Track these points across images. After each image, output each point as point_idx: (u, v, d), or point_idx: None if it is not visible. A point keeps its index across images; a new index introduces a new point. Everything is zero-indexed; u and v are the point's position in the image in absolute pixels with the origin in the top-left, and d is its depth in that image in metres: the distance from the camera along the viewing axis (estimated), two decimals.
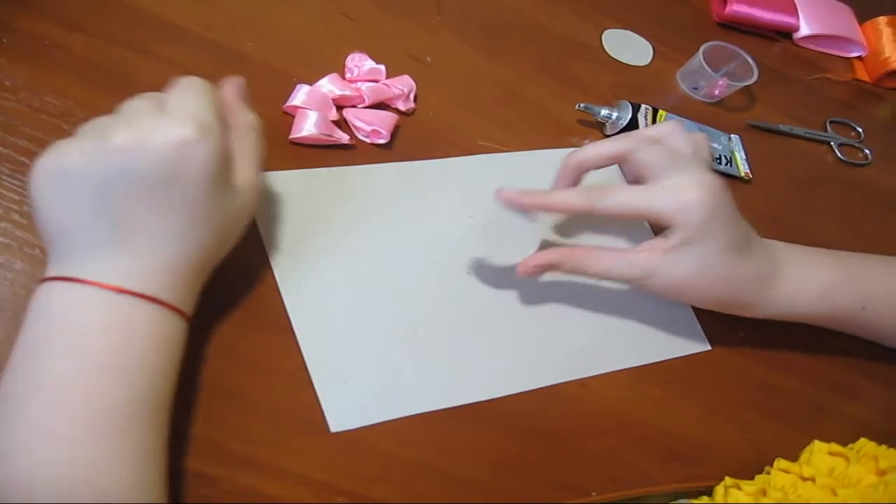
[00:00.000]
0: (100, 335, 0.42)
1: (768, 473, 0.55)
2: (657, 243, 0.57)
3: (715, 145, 0.76)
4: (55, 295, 0.43)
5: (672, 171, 0.55)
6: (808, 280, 0.60)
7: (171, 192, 0.43)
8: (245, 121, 0.50)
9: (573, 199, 0.56)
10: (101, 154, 0.42)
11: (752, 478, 0.56)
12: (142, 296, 0.43)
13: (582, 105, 0.71)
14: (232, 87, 0.51)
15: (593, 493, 0.53)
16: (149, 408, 0.42)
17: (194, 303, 0.47)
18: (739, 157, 0.78)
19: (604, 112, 0.72)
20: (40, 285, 0.43)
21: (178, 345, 0.45)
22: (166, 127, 0.43)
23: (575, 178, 0.60)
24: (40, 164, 0.43)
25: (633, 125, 0.72)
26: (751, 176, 0.77)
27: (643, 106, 0.73)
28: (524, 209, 0.57)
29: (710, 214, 0.55)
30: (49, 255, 0.44)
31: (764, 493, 0.51)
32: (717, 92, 0.82)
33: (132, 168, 0.42)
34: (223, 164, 0.45)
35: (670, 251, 0.56)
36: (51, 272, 0.43)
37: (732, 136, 0.79)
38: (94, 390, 0.40)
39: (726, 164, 0.76)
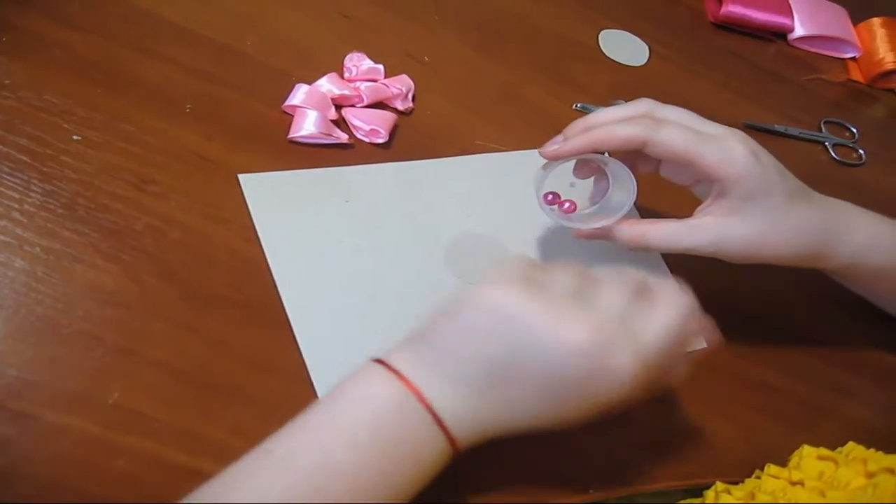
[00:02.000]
0: (396, 448, 0.42)
1: (759, 478, 0.55)
2: (717, 208, 0.55)
3: None
4: (393, 394, 0.43)
5: (702, 142, 0.53)
6: (880, 230, 0.60)
7: (565, 391, 0.44)
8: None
9: (630, 130, 0.53)
10: (548, 335, 0.43)
11: (747, 476, 0.56)
12: (450, 437, 0.43)
13: (579, 105, 0.72)
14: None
15: (591, 490, 0.54)
16: None
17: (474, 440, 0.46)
18: None
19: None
20: (383, 368, 0.44)
21: (435, 476, 0.44)
22: (630, 355, 0.43)
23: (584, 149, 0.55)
24: (510, 294, 0.44)
25: None
26: None
27: None
28: (573, 155, 0.55)
29: (761, 166, 0.53)
30: (413, 342, 0.46)
31: (753, 496, 0.51)
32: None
33: (560, 364, 0.43)
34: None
35: (736, 211, 0.54)
36: (403, 366, 0.44)
37: None
38: (358, 491, 0.41)
39: None
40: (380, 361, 0.45)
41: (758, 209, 0.54)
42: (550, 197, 0.58)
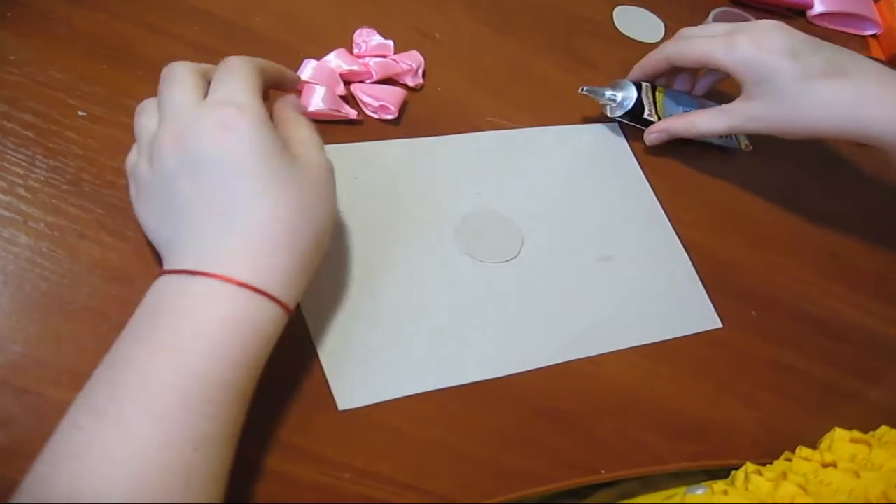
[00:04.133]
0: (166, 317, 0.42)
1: (789, 460, 0.54)
2: (743, 95, 0.65)
3: None
4: (149, 289, 0.44)
5: (712, 44, 0.64)
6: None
7: (228, 169, 0.43)
8: (298, 124, 0.50)
9: (657, 54, 0.69)
10: (156, 159, 0.44)
11: (761, 457, 0.55)
12: (210, 275, 0.42)
13: (585, 88, 0.69)
14: (286, 104, 0.52)
15: (602, 471, 0.53)
16: (205, 394, 0.40)
17: (289, 288, 0.44)
18: None
19: (608, 94, 0.70)
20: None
21: (255, 329, 0.43)
22: (204, 116, 0.44)
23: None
24: (131, 188, 0.48)
25: (638, 106, 0.71)
26: (751, 147, 0.76)
27: (643, 84, 0.72)
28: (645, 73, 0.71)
29: (763, 54, 0.62)
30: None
31: (784, 476, 0.50)
32: None
33: (186, 161, 0.43)
34: (270, 133, 0.45)
35: (753, 95, 0.64)
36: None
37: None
38: (150, 370, 0.40)
39: (726, 137, 0.74)
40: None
41: (769, 92, 0.63)
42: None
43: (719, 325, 0.63)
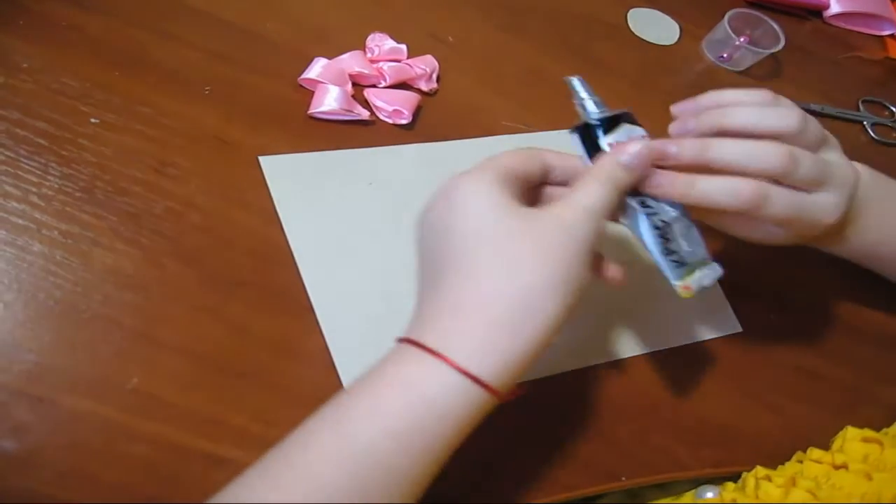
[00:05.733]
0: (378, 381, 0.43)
1: (800, 462, 0.53)
2: None
3: None
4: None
5: (804, 209, 0.50)
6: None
7: (444, 241, 0.44)
8: (586, 187, 0.46)
9: (737, 199, 0.48)
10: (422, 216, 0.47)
11: (784, 462, 0.54)
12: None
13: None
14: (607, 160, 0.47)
15: (623, 478, 0.52)
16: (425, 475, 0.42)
17: (502, 373, 0.42)
18: None
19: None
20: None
21: (459, 415, 0.42)
22: (441, 187, 0.46)
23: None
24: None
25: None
26: None
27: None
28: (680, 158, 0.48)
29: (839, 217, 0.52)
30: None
31: (794, 482, 0.49)
32: (741, 59, 0.80)
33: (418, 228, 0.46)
34: (487, 201, 0.44)
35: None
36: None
37: None
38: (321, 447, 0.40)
39: None
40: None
41: None
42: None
43: (739, 329, 0.62)
